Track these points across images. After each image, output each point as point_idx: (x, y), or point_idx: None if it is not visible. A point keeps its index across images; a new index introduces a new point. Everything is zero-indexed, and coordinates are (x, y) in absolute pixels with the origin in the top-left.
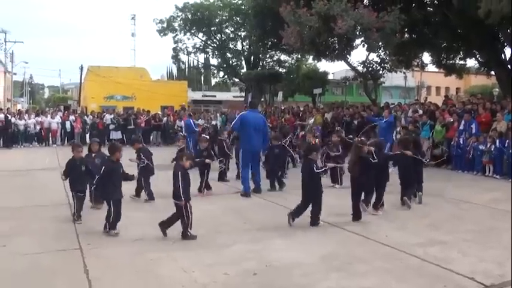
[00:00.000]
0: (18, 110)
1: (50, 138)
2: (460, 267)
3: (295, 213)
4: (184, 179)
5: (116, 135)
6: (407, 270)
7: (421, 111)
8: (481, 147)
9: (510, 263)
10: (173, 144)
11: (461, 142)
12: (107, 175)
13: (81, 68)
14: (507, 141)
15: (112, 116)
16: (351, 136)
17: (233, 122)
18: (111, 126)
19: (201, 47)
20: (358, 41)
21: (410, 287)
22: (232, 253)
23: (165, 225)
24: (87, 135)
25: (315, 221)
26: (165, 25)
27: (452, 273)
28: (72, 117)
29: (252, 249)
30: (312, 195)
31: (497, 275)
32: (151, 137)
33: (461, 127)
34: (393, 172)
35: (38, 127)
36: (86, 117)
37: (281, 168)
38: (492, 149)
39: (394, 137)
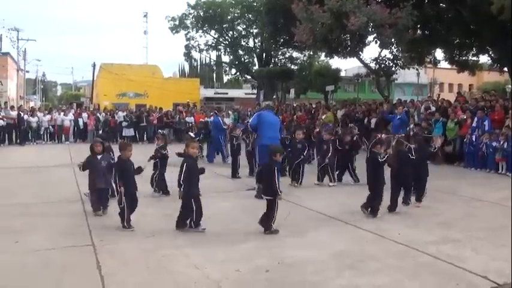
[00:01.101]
0: (31, 107)
1: (63, 136)
2: (472, 266)
3: (367, 205)
4: (189, 170)
5: (128, 132)
6: (420, 268)
7: (433, 108)
8: (494, 144)
9: None
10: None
11: (474, 139)
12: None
13: (94, 66)
14: None
15: (125, 113)
16: (358, 132)
17: (251, 119)
18: (124, 124)
19: (213, 44)
20: (370, 38)
21: (423, 284)
22: (244, 250)
23: (179, 223)
24: (100, 133)
25: (375, 212)
26: (177, 22)
27: (465, 272)
28: (84, 115)
29: (264, 246)
30: (379, 185)
31: (510, 273)
32: None
33: (474, 124)
34: None
35: (51, 124)
36: (98, 114)
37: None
38: (505, 146)
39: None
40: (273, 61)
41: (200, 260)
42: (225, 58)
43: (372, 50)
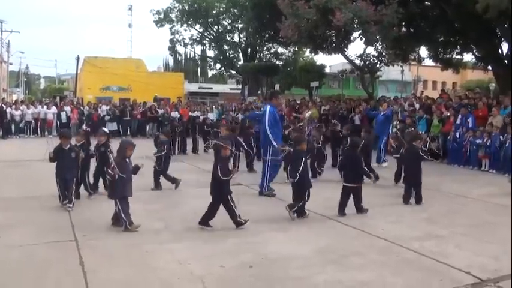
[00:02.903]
0: (15, 100)
1: (45, 129)
2: (456, 261)
3: (407, 197)
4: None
5: (111, 126)
6: (403, 263)
7: (417, 106)
8: (478, 141)
9: (506, 257)
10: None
11: (458, 136)
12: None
13: (78, 59)
14: (505, 135)
15: (108, 107)
16: (340, 129)
17: (266, 119)
18: (107, 118)
19: (198, 39)
20: (355, 34)
21: (406, 280)
22: (228, 245)
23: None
24: (83, 126)
25: (419, 199)
26: (162, 16)
27: (449, 267)
28: (67, 108)
29: (248, 242)
30: (418, 177)
31: (494, 269)
32: (147, 129)
33: (457, 121)
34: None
35: (34, 118)
36: (82, 107)
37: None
38: (488, 144)
39: (390, 131)
40: (258, 56)
41: (184, 255)
42: (210, 53)
43: (356, 47)
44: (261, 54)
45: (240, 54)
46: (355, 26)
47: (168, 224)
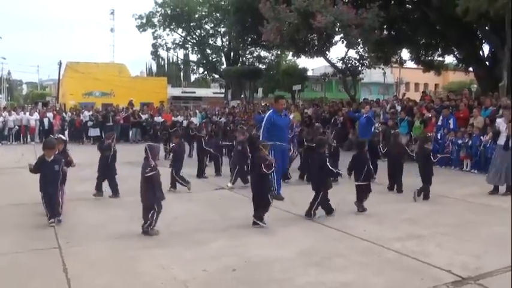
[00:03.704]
0: None
1: (28, 136)
2: (437, 260)
3: (421, 192)
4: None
5: (94, 132)
6: (385, 264)
7: (399, 108)
8: (460, 142)
9: (487, 255)
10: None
11: (439, 137)
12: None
13: (60, 64)
14: (484, 136)
15: (90, 113)
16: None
17: (263, 124)
18: (89, 123)
19: (181, 43)
20: (337, 38)
21: (388, 280)
22: (211, 249)
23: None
24: (66, 132)
25: (427, 195)
26: (144, 21)
27: (430, 266)
28: (50, 114)
29: (231, 245)
30: (429, 175)
31: (474, 267)
32: (130, 134)
33: (439, 122)
34: None
35: (17, 124)
36: (64, 114)
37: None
38: (469, 144)
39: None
40: (241, 60)
41: (167, 260)
42: (193, 57)
43: (338, 50)
44: (244, 58)
45: (223, 58)
46: (336, 29)
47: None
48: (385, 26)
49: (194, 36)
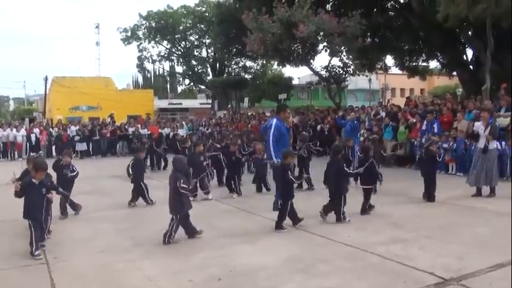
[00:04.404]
0: None
1: (16, 152)
2: (420, 263)
3: (427, 194)
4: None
5: (81, 146)
6: (368, 268)
7: (383, 114)
8: (444, 145)
9: (469, 256)
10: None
11: (424, 142)
12: None
13: (46, 79)
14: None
15: (77, 127)
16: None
17: (271, 133)
18: (77, 138)
19: (166, 55)
20: (320, 46)
21: (371, 284)
22: (197, 260)
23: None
24: (53, 148)
25: (433, 198)
26: (129, 34)
27: (413, 269)
28: (37, 130)
29: (216, 256)
30: (434, 178)
31: (457, 268)
32: (117, 147)
33: (423, 127)
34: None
35: (3, 141)
36: (51, 129)
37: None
38: (454, 148)
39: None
40: (226, 70)
41: (153, 272)
42: (179, 68)
43: (323, 59)
44: (230, 69)
45: (209, 69)
46: (319, 38)
47: (138, 241)
48: (368, 34)
49: (179, 48)
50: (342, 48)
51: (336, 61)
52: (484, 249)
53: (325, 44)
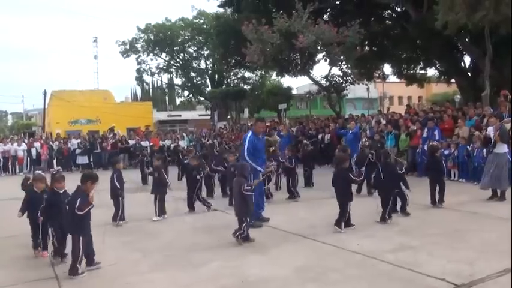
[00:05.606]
0: None
1: (17, 167)
2: (431, 270)
3: (435, 198)
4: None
5: (82, 160)
6: (380, 276)
7: (384, 121)
8: (446, 152)
9: (479, 262)
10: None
11: (426, 149)
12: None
13: (45, 93)
14: (471, 145)
15: (78, 140)
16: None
17: (245, 148)
18: (78, 151)
19: (165, 67)
20: (320, 56)
21: None
22: (208, 271)
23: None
24: (54, 161)
25: (441, 199)
26: (127, 47)
27: (424, 276)
28: (37, 144)
29: (227, 266)
30: (443, 183)
31: (468, 274)
32: None
33: (424, 134)
34: None
35: (4, 156)
36: (51, 143)
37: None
38: (456, 154)
39: (359, 148)
40: (225, 82)
41: (165, 284)
42: (177, 80)
43: (322, 68)
44: (229, 80)
45: (208, 81)
46: (318, 48)
47: (146, 254)
48: (366, 43)
49: (178, 60)
50: (341, 57)
51: (335, 70)
52: (491, 255)
53: (324, 53)
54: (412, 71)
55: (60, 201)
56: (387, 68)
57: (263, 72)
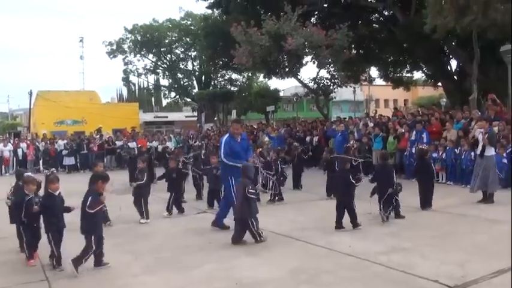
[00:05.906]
0: None
1: (3, 167)
2: (423, 271)
3: (424, 201)
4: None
5: (69, 161)
6: (373, 278)
7: (371, 124)
8: (434, 155)
9: (471, 264)
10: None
11: (414, 152)
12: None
13: (30, 93)
14: (458, 148)
15: (65, 141)
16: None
17: (221, 151)
18: (64, 152)
19: (152, 68)
20: (308, 58)
21: None
22: (201, 273)
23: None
24: (41, 162)
25: (429, 203)
26: (114, 47)
27: (417, 278)
28: (23, 144)
29: (220, 269)
30: (432, 185)
31: (460, 276)
32: (105, 161)
33: (412, 137)
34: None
35: None
36: (38, 143)
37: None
38: (444, 157)
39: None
40: (212, 83)
41: (157, 287)
42: (164, 82)
43: (309, 70)
44: (216, 81)
45: (195, 82)
46: (307, 50)
47: (138, 256)
48: (353, 46)
49: (165, 61)
50: (329, 60)
51: (323, 73)
52: (483, 256)
53: (312, 56)
54: (398, 74)
55: (56, 203)
56: (374, 71)
57: (250, 74)
